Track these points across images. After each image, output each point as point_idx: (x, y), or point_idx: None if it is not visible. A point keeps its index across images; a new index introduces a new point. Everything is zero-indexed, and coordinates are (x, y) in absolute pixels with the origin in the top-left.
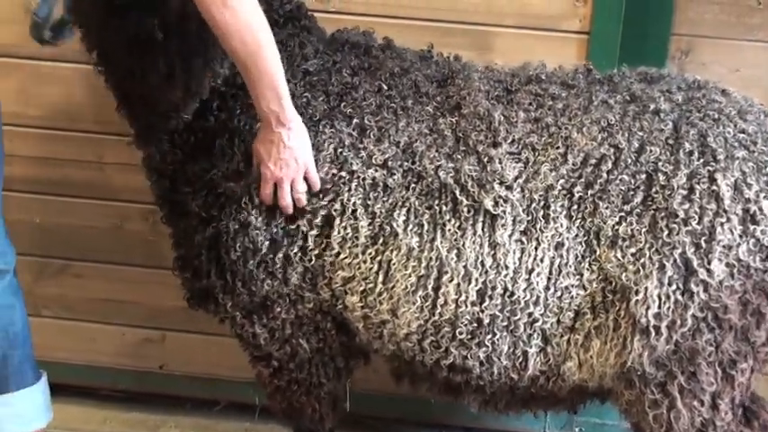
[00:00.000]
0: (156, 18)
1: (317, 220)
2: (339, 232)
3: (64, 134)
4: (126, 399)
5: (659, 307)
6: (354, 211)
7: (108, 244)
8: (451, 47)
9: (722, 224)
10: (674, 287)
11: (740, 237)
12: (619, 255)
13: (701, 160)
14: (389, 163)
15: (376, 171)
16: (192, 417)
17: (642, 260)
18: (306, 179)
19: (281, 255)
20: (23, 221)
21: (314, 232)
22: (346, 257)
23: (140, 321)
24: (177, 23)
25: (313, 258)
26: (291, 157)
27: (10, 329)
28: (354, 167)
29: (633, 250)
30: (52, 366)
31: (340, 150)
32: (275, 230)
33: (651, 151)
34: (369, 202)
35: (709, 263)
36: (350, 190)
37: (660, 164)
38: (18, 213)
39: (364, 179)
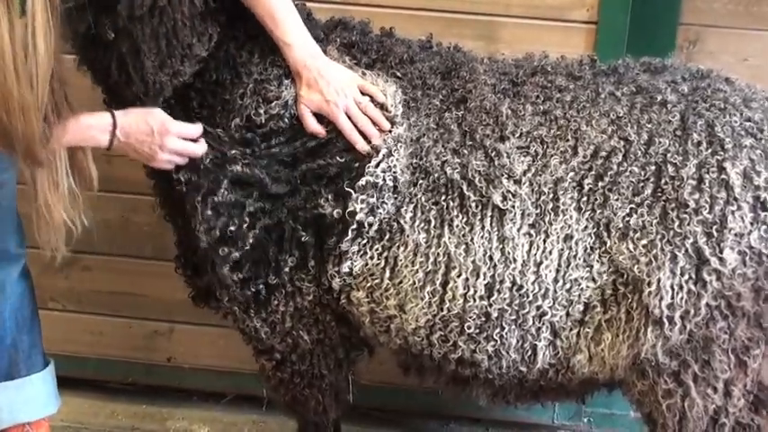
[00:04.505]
0: (107, 18)
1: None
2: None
3: None
4: (134, 391)
5: (672, 297)
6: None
7: (116, 236)
8: (457, 37)
9: (733, 212)
10: (686, 277)
11: (751, 224)
12: (630, 247)
13: (710, 150)
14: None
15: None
16: (200, 409)
17: (654, 251)
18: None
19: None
20: (31, 214)
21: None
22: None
23: (148, 314)
24: (127, 25)
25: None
26: (339, 78)
27: (19, 315)
28: None
29: (644, 242)
30: (60, 359)
31: None
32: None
33: (660, 143)
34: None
35: (721, 251)
36: None
37: (669, 155)
38: (26, 205)
39: None
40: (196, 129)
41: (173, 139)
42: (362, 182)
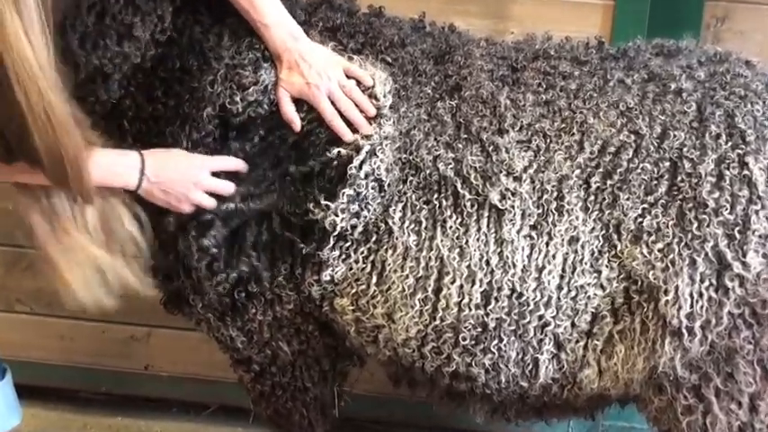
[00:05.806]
0: None
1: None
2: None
3: None
4: (108, 402)
5: (692, 306)
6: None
7: None
8: (463, 15)
9: (757, 212)
10: (707, 284)
11: None
12: (645, 251)
13: (730, 143)
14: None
15: None
16: (180, 421)
17: (671, 256)
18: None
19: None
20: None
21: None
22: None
23: (123, 317)
24: None
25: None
26: (322, 60)
27: None
28: None
29: (660, 245)
30: (27, 367)
31: None
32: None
33: (675, 136)
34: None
35: (744, 255)
36: None
37: (685, 150)
38: None
39: None
40: (237, 164)
41: (207, 176)
42: (345, 189)
